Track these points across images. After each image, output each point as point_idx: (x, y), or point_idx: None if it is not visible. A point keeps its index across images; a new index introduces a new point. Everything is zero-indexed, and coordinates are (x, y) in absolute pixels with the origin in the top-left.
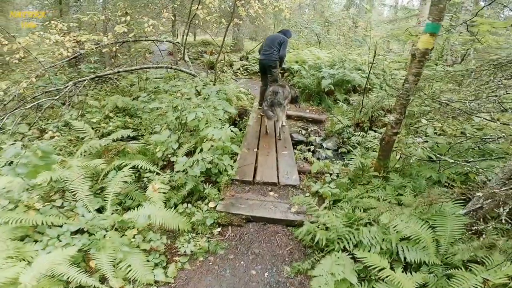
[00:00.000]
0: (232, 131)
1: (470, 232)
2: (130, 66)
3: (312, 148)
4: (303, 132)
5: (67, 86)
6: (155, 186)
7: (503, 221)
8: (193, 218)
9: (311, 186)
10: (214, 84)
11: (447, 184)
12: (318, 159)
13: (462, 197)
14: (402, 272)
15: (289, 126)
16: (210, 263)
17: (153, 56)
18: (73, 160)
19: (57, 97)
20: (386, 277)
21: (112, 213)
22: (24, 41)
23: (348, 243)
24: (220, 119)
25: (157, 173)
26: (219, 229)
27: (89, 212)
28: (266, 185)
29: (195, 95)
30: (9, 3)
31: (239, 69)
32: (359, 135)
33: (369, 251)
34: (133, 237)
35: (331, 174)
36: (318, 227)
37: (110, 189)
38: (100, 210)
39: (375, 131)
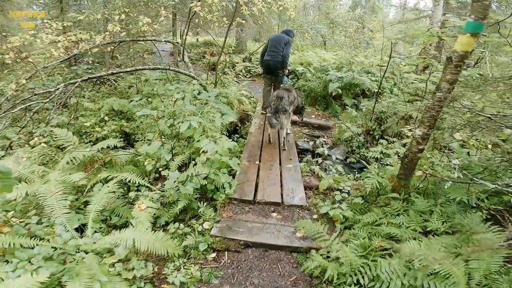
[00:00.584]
0: (230, 142)
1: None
2: (126, 67)
3: (319, 160)
4: (309, 140)
5: (58, 88)
6: (141, 205)
7: None
8: (185, 241)
9: (319, 206)
10: (215, 87)
11: (475, 206)
12: (325, 170)
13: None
14: None
15: (294, 133)
16: None
17: (154, 57)
18: (52, 173)
19: (47, 100)
20: None
21: (96, 232)
22: (15, 41)
23: (363, 277)
24: (220, 126)
25: (148, 187)
26: (213, 255)
27: (67, 231)
28: (268, 205)
29: (191, 100)
30: (10, 2)
31: (241, 70)
32: (377, 151)
33: (387, 287)
34: (113, 265)
35: (341, 191)
36: (328, 257)
37: (91, 206)
38: (83, 229)
39: (387, 140)
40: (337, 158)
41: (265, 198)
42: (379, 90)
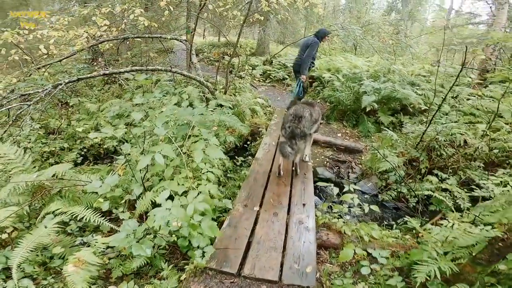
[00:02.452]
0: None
1: None
2: (134, 66)
3: (345, 208)
4: (332, 166)
5: (46, 89)
6: (71, 264)
7: None
8: None
9: (333, 285)
10: (225, 93)
11: None
12: (349, 208)
13: None
14: None
15: (314, 156)
16: None
17: (174, 55)
18: None
19: (31, 102)
20: None
21: (27, 277)
22: (7, 36)
23: None
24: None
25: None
26: None
27: None
28: (260, 281)
29: (172, 116)
30: None
31: (262, 74)
32: (451, 225)
33: None
34: None
35: (371, 257)
36: None
37: (18, 249)
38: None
39: (436, 175)
40: (363, 191)
41: (255, 273)
42: (422, 105)
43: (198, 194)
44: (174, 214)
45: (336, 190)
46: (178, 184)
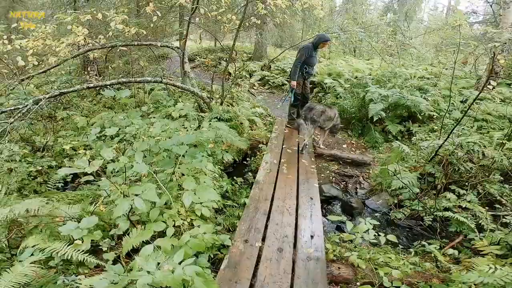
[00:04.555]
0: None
1: None
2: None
3: (358, 238)
4: (339, 182)
5: (26, 105)
6: None
7: None
8: None
9: None
10: (221, 104)
11: None
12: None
13: None
14: None
15: (319, 171)
16: None
17: (169, 62)
18: None
19: (12, 120)
20: None
21: None
22: None
23: None
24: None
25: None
26: None
27: None
28: None
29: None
30: (22, 3)
31: (260, 80)
32: (492, 271)
33: None
34: None
35: None
36: None
37: None
38: None
39: (453, 191)
40: (373, 209)
41: None
42: (430, 112)
43: (190, 238)
44: (159, 279)
45: (350, 226)
46: (167, 225)
